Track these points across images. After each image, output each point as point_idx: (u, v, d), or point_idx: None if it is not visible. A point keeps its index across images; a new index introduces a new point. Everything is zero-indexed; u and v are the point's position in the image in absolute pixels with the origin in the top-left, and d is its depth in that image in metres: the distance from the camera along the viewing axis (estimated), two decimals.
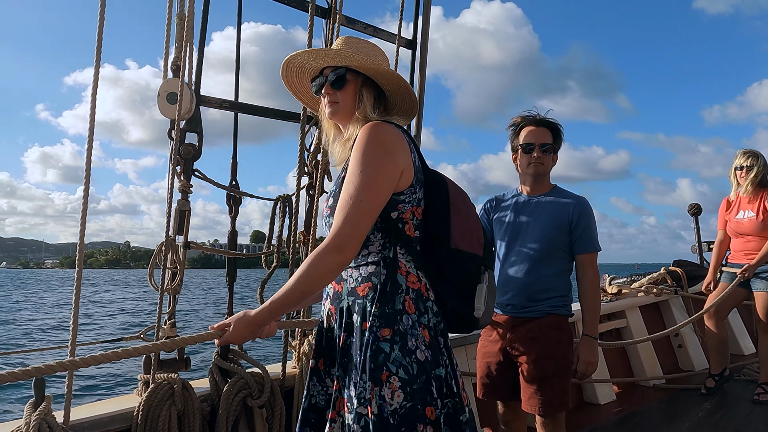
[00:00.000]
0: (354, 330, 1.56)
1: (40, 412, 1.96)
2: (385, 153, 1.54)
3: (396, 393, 1.45)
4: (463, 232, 1.65)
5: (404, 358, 1.48)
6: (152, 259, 2.52)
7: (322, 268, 1.47)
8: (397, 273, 1.56)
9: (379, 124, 1.60)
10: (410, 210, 1.61)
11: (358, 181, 1.50)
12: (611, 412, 4.15)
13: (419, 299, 1.56)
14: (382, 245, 1.58)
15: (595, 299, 2.55)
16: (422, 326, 1.54)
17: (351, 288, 1.59)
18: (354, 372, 1.51)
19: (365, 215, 1.49)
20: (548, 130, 2.58)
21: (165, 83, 2.47)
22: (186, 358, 2.59)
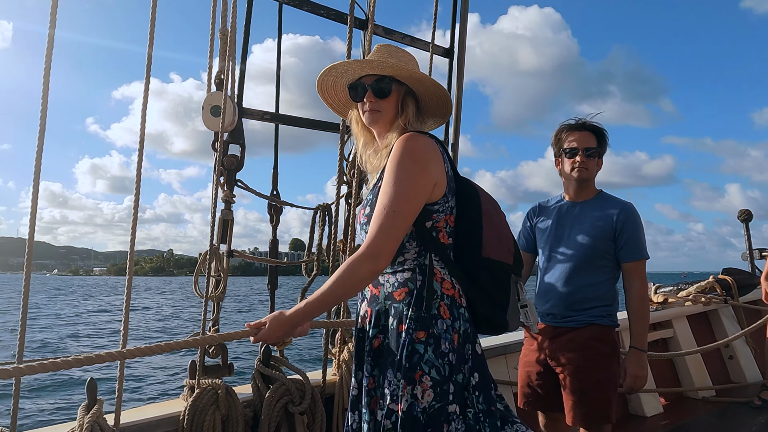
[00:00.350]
0: (390, 332, 1.62)
1: (92, 414, 2.05)
2: (419, 165, 1.59)
3: (427, 392, 1.52)
4: (495, 241, 1.69)
5: (437, 360, 1.54)
6: (197, 268, 2.59)
7: (357, 275, 1.55)
8: (432, 279, 1.61)
9: (415, 136, 1.64)
10: (444, 219, 1.67)
11: (392, 192, 1.56)
12: (658, 425, 4.03)
13: (453, 305, 1.62)
14: (418, 253, 1.64)
15: (643, 310, 2.48)
16: (455, 331, 1.60)
17: (388, 292, 1.66)
18: (389, 371, 1.58)
19: (398, 226, 1.56)
20: (592, 134, 2.54)
21: (209, 97, 2.55)
22: (229, 364, 2.65)
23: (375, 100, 1.72)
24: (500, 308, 1.70)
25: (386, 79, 1.72)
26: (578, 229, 2.51)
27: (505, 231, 1.75)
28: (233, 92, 2.60)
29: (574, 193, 2.59)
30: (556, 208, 2.63)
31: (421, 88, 1.76)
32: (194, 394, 2.37)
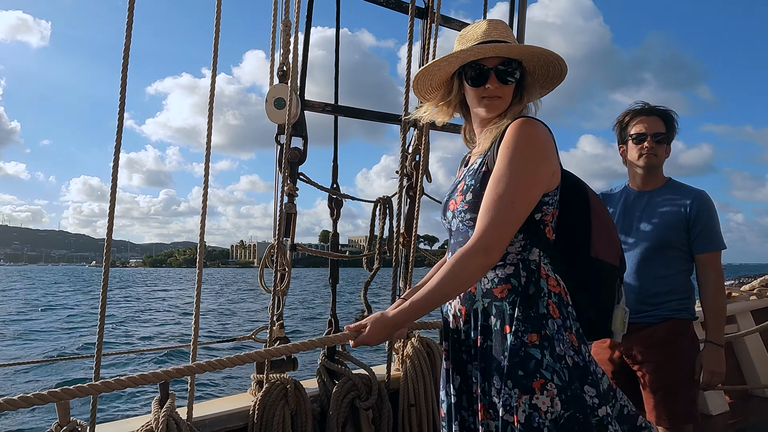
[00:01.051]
0: (493, 333, 1.50)
1: (166, 409, 2.05)
2: (540, 154, 1.48)
3: (555, 401, 1.39)
4: (604, 241, 1.58)
5: (556, 364, 1.42)
6: (262, 261, 2.58)
7: (467, 270, 1.43)
8: (538, 276, 1.50)
9: (532, 122, 1.52)
10: (552, 212, 1.56)
11: (510, 182, 1.44)
12: (726, 424, 3.87)
13: (561, 303, 1.51)
14: (522, 247, 1.53)
15: (720, 303, 2.36)
16: (568, 330, 1.49)
17: (486, 289, 1.53)
18: (496, 378, 1.46)
19: (515, 218, 1.44)
20: (660, 119, 2.42)
21: (272, 89, 2.52)
22: (293, 359, 2.63)
23: (499, 85, 1.56)
24: (606, 312, 1.58)
25: (514, 63, 1.57)
26: (648, 220, 2.39)
27: (613, 230, 1.63)
28: (295, 84, 2.57)
29: (641, 182, 2.47)
30: (623, 197, 2.51)
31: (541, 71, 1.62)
32: (263, 389, 2.36)
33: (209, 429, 2.23)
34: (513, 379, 1.41)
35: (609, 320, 1.59)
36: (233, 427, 2.30)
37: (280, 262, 2.55)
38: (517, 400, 1.40)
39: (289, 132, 2.43)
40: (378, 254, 2.87)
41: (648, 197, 2.44)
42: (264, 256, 2.58)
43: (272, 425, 2.31)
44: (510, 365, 1.42)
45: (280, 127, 2.51)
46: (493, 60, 1.57)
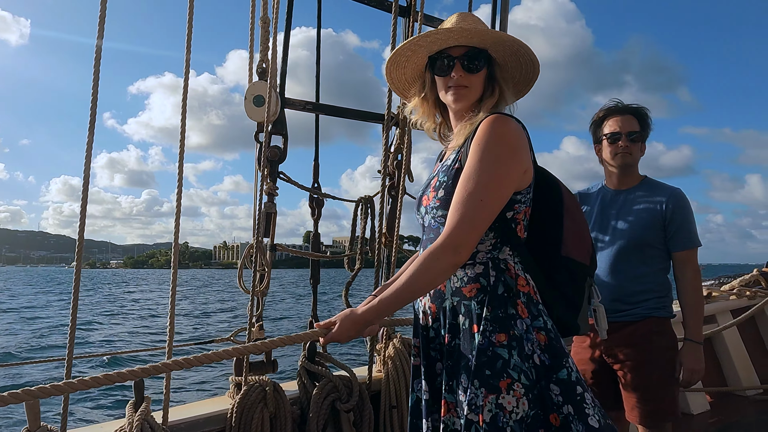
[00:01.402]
0: (461, 332, 1.49)
1: (141, 412, 2.00)
2: (512, 151, 1.46)
3: (521, 401, 1.38)
4: (576, 240, 1.57)
5: (524, 364, 1.41)
6: (241, 262, 2.54)
7: (436, 268, 1.41)
8: (506, 275, 1.49)
9: (505, 118, 1.50)
10: (524, 210, 1.54)
11: (480, 180, 1.42)
12: (707, 424, 3.90)
13: (530, 303, 1.49)
14: (493, 245, 1.51)
15: (698, 300, 2.37)
16: (536, 330, 1.47)
17: (455, 288, 1.52)
18: (463, 376, 1.45)
19: (485, 216, 1.42)
20: (634, 117, 2.41)
21: (251, 87, 2.48)
22: (273, 361, 2.60)
23: (464, 74, 1.56)
24: (575, 311, 1.58)
25: (479, 51, 1.56)
26: (624, 219, 2.39)
27: (586, 229, 1.62)
28: (275, 81, 2.53)
29: (617, 181, 2.47)
30: (599, 197, 2.50)
31: (513, 63, 1.61)
32: (242, 392, 2.31)
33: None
34: (480, 379, 1.41)
35: (577, 318, 1.58)
36: (210, 430, 2.25)
37: (260, 263, 2.51)
38: (483, 399, 1.39)
39: (267, 130, 2.39)
40: (360, 254, 2.84)
41: (624, 196, 2.43)
42: (243, 257, 2.54)
43: (251, 428, 2.26)
44: (477, 365, 1.41)
45: (260, 124, 2.48)
46: (458, 49, 1.57)
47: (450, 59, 1.58)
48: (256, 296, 2.51)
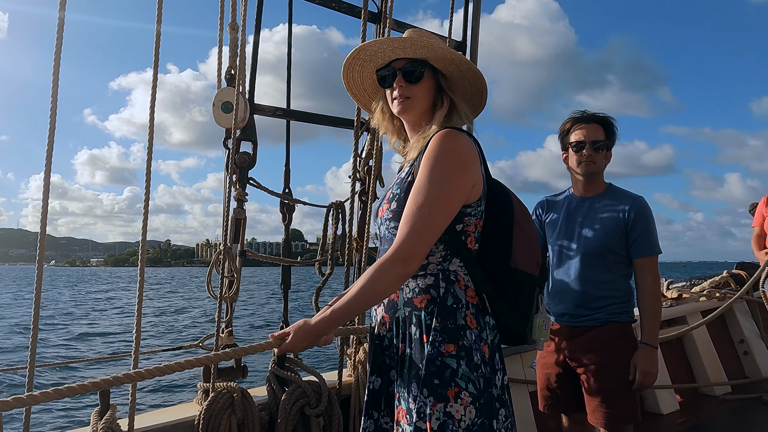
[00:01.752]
0: (412, 342, 1.52)
1: (106, 420, 1.99)
2: (460, 166, 1.49)
3: (468, 409, 1.43)
4: (525, 252, 1.60)
5: (472, 373, 1.46)
6: (210, 268, 2.54)
7: (385, 279, 1.45)
8: (456, 287, 1.53)
9: (455, 133, 1.53)
10: (474, 223, 1.57)
11: (429, 193, 1.45)
12: (675, 423, 3.97)
13: (479, 314, 1.54)
14: (443, 257, 1.54)
15: (656, 306, 2.42)
16: (483, 341, 1.52)
17: (407, 298, 1.55)
18: (414, 385, 1.49)
19: (433, 229, 1.46)
20: (600, 126, 2.45)
21: (219, 93, 2.48)
22: (243, 367, 2.60)
23: (405, 84, 1.60)
24: (523, 321, 1.61)
25: (419, 62, 1.60)
26: (589, 226, 2.43)
27: (535, 241, 1.66)
28: (244, 88, 2.54)
29: (582, 188, 2.51)
30: (566, 203, 2.55)
31: (456, 74, 1.64)
32: (209, 398, 2.31)
33: None
34: (428, 388, 1.44)
35: (526, 327, 1.62)
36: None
37: (228, 269, 2.51)
38: (432, 408, 1.43)
39: (235, 136, 2.40)
40: (330, 259, 2.85)
41: (589, 203, 2.47)
42: (212, 262, 2.54)
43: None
44: (426, 374, 1.45)
45: (228, 131, 2.48)
46: (400, 61, 1.62)
47: (392, 71, 1.63)
48: (225, 302, 2.51)
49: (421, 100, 1.61)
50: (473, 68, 1.63)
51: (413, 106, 1.62)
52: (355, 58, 1.69)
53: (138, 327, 2.12)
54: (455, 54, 1.61)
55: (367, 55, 1.67)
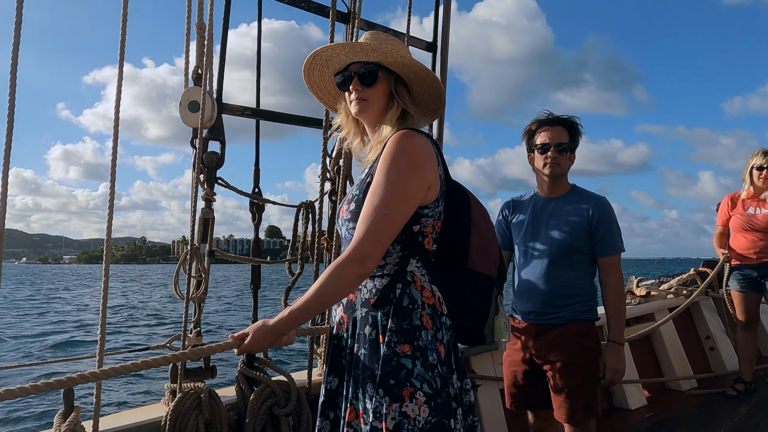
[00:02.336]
0: (366, 342, 1.54)
1: (69, 422, 1.97)
2: (415, 167, 1.51)
3: (422, 408, 1.44)
4: (482, 253, 1.62)
5: (427, 373, 1.47)
6: (177, 268, 2.52)
7: (342, 279, 1.46)
8: (412, 287, 1.54)
9: (411, 134, 1.56)
10: (431, 224, 1.59)
11: (384, 194, 1.47)
12: (642, 418, 4.05)
13: (434, 314, 1.55)
14: (400, 258, 1.56)
15: (620, 303, 2.47)
16: (438, 342, 1.53)
17: (365, 299, 1.57)
18: (369, 385, 1.50)
19: (389, 229, 1.47)
20: (564, 128, 2.50)
21: (186, 92, 2.47)
22: (212, 367, 2.59)
23: (361, 88, 1.63)
24: (481, 321, 1.64)
25: (373, 65, 1.63)
26: (554, 226, 2.48)
27: (492, 242, 1.68)
28: (212, 87, 2.53)
29: (548, 189, 2.56)
30: (531, 204, 2.59)
31: (411, 76, 1.67)
32: (176, 399, 2.30)
33: None
34: (384, 388, 1.45)
35: (484, 327, 1.65)
36: None
37: (196, 269, 2.50)
38: (387, 407, 1.44)
39: (201, 136, 2.39)
40: (300, 259, 2.85)
41: (554, 204, 2.52)
42: (179, 262, 2.53)
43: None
44: (382, 374, 1.46)
45: (195, 130, 2.47)
46: (357, 65, 1.65)
47: (348, 74, 1.66)
48: (192, 303, 2.50)
49: (377, 102, 1.65)
50: (428, 71, 1.66)
51: (369, 108, 1.65)
52: (312, 63, 1.72)
53: (102, 326, 2.10)
54: (409, 58, 1.63)
55: (323, 59, 1.71)
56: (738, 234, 4.45)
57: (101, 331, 2.10)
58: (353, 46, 1.64)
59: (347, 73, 1.66)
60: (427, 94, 1.71)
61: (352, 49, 1.64)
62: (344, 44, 1.68)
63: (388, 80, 1.65)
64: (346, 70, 1.68)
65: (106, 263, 2.10)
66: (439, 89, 1.69)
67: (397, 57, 1.60)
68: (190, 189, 2.49)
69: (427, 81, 1.67)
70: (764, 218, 4.26)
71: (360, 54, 1.63)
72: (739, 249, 4.42)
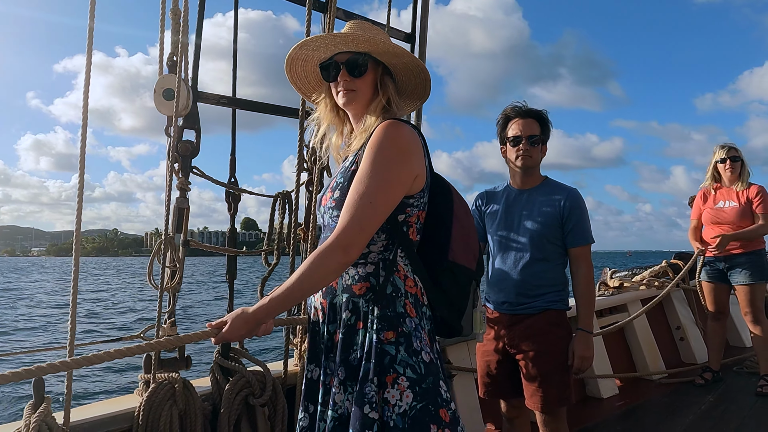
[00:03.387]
0: (346, 327, 1.53)
1: (39, 413, 1.94)
2: (402, 156, 1.51)
3: (405, 393, 1.44)
4: (462, 246, 1.63)
5: (411, 358, 1.47)
6: (151, 258, 2.49)
7: (325, 267, 1.45)
8: (396, 276, 1.54)
9: (398, 124, 1.55)
10: (416, 214, 1.59)
11: (371, 182, 1.46)
12: (614, 407, 4.14)
13: (417, 304, 1.56)
14: (384, 247, 1.56)
15: (590, 293, 2.52)
16: (423, 330, 1.54)
17: (346, 285, 1.56)
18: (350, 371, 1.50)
19: (374, 218, 1.47)
20: (535, 120, 2.53)
21: (161, 79, 2.43)
22: (187, 357, 2.57)
23: (350, 78, 1.62)
24: (458, 313, 1.65)
25: (362, 56, 1.61)
26: (527, 217, 2.51)
27: (472, 235, 1.69)
28: (187, 74, 2.49)
29: (520, 181, 2.59)
30: (504, 195, 2.62)
31: (400, 65, 1.66)
32: (150, 389, 2.28)
33: None
34: (368, 375, 1.45)
35: (461, 320, 1.66)
36: (116, 429, 2.21)
37: (171, 258, 2.47)
38: (370, 394, 1.43)
39: (176, 124, 2.36)
40: (276, 249, 2.84)
41: (527, 195, 2.55)
42: (153, 252, 2.50)
43: (158, 426, 2.23)
44: (365, 361, 1.46)
45: (170, 119, 2.43)
46: (344, 55, 1.63)
47: (335, 65, 1.64)
48: (167, 293, 2.48)
49: (365, 93, 1.64)
50: (416, 61, 1.66)
51: (358, 98, 1.64)
52: (298, 53, 1.70)
53: (73, 316, 2.07)
54: (397, 47, 1.63)
55: (311, 49, 1.68)
56: (708, 227, 4.57)
57: (71, 321, 2.07)
58: (342, 37, 1.62)
59: (333, 63, 1.64)
60: (412, 83, 1.71)
61: (342, 39, 1.62)
62: (333, 34, 1.66)
63: (376, 70, 1.64)
64: (332, 60, 1.65)
65: (76, 253, 2.07)
66: (426, 78, 1.69)
67: (386, 47, 1.60)
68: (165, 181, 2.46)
69: (416, 70, 1.67)
70: (731, 211, 4.39)
71: (350, 44, 1.62)
72: (709, 242, 4.54)
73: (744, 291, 4.39)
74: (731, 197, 4.42)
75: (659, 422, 3.82)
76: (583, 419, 3.78)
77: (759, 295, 4.41)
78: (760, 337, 4.40)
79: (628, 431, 3.68)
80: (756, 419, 3.78)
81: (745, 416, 3.83)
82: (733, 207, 4.39)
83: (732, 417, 3.81)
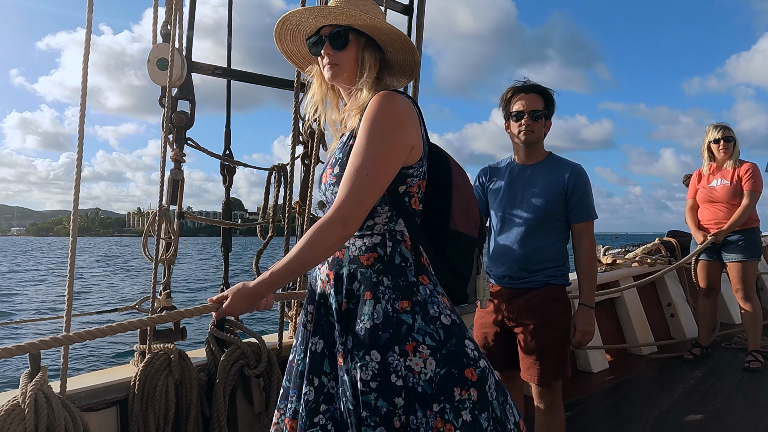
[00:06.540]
0: (356, 298, 1.53)
1: (36, 382, 1.95)
2: (397, 126, 1.49)
3: (428, 361, 1.44)
4: (463, 214, 1.63)
5: (429, 326, 1.47)
6: (146, 229, 2.49)
7: (325, 240, 1.45)
8: (402, 246, 1.55)
9: (392, 94, 1.54)
10: (417, 184, 1.59)
11: (367, 154, 1.45)
12: (604, 380, 4.20)
13: (427, 272, 1.56)
14: (389, 218, 1.56)
15: (592, 268, 2.53)
16: (440, 294, 1.55)
17: (353, 256, 1.56)
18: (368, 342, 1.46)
19: (372, 190, 1.46)
20: (539, 95, 2.52)
21: (155, 49, 2.40)
22: (182, 329, 2.58)
23: (333, 52, 1.61)
24: (463, 281, 1.65)
25: (343, 28, 1.60)
26: (531, 192, 2.51)
27: (473, 203, 1.70)
28: (181, 44, 2.46)
29: (524, 156, 2.59)
30: (508, 170, 2.62)
31: (384, 38, 1.64)
32: (145, 360, 2.30)
33: (85, 402, 2.15)
34: (387, 345, 1.44)
35: (466, 287, 1.67)
36: (112, 399, 2.23)
37: (165, 230, 2.47)
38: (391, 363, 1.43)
39: (170, 94, 2.34)
40: (272, 223, 2.84)
41: (530, 171, 2.55)
42: (148, 224, 2.49)
43: (155, 396, 2.26)
44: (383, 331, 1.45)
45: (164, 89, 2.41)
46: (327, 28, 1.62)
47: (319, 38, 1.63)
48: (162, 264, 2.48)
49: (348, 66, 1.62)
50: (397, 31, 1.63)
51: (341, 72, 1.62)
52: (282, 29, 1.69)
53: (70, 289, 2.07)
54: (378, 21, 1.60)
55: (293, 24, 1.67)
56: (702, 206, 4.61)
57: (68, 293, 2.07)
58: (321, 10, 1.61)
59: (318, 37, 1.63)
60: (401, 55, 1.69)
61: (321, 12, 1.61)
62: (313, 8, 1.63)
63: (358, 43, 1.62)
64: (317, 34, 1.64)
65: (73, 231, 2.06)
66: (409, 47, 1.67)
67: (366, 20, 1.58)
68: (154, 160, 2.49)
69: (399, 42, 1.65)
70: (722, 190, 4.44)
71: (329, 17, 1.60)
72: (703, 220, 4.59)
73: (736, 268, 4.44)
74: (724, 176, 4.46)
75: (647, 396, 3.89)
76: (573, 392, 3.84)
77: (750, 273, 4.46)
78: (749, 314, 4.46)
79: (617, 405, 3.75)
80: (742, 394, 3.85)
81: (731, 391, 3.90)
82: (725, 185, 4.43)
83: (719, 392, 3.88)
